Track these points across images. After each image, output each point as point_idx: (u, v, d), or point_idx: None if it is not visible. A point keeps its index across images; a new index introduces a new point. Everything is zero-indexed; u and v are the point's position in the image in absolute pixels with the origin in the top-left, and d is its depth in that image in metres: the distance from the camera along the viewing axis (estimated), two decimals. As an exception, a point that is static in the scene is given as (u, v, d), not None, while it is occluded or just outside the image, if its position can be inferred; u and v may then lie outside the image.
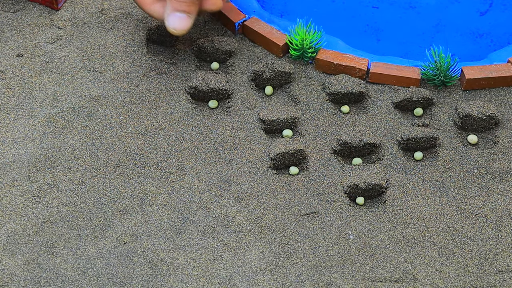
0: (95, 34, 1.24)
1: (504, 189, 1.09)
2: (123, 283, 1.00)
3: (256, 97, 1.18)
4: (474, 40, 1.32)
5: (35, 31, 1.25)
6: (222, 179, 1.09)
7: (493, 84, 1.18)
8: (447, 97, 1.18)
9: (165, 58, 1.22)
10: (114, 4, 1.28)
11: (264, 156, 1.12)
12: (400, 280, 1.01)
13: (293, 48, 1.20)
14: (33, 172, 1.09)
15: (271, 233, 1.05)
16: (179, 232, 1.05)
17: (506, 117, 1.16)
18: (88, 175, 1.09)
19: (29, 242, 1.03)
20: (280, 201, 1.08)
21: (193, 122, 1.15)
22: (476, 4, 1.34)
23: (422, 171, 1.11)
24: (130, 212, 1.06)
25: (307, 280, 1.01)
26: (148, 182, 1.09)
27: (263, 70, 1.18)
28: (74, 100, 1.17)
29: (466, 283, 1.01)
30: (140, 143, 1.13)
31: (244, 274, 1.01)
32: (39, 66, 1.21)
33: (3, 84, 1.19)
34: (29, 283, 1.00)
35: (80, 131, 1.14)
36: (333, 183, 1.09)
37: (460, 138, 1.14)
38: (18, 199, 1.07)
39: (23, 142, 1.12)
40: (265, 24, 1.23)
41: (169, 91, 1.18)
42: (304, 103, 1.17)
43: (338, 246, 1.04)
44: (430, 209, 1.07)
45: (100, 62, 1.21)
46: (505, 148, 1.13)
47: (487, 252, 1.03)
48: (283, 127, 1.15)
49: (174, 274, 1.01)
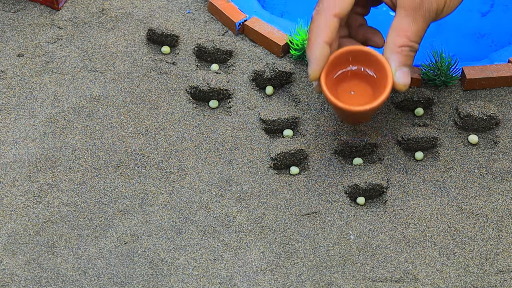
0: (95, 34, 1.24)
1: (504, 189, 1.09)
2: (123, 283, 1.00)
3: (257, 97, 1.18)
4: (475, 41, 1.32)
5: (36, 31, 1.25)
6: (223, 179, 1.09)
7: (494, 84, 1.18)
8: (448, 97, 1.18)
9: (165, 58, 1.22)
10: (114, 4, 1.28)
11: (265, 156, 1.12)
12: (401, 280, 1.01)
13: (293, 48, 1.20)
14: (33, 172, 1.09)
15: (272, 233, 1.05)
16: (180, 232, 1.05)
17: (506, 117, 1.16)
18: (89, 175, 1.10)
19: (30, 242, 1.03)
20: (281, 201, 1.08)
21: (193, 122, 1.15)
22: (477, 5, 1.34)
23: (423, 171, 1.11)
24: (131, 212, 1.06)
25: (307, 280, 1.01)
26: (148, 182, 1.09)
27: (264, 70, 1.18)
28: (75, 100, 1.17)
29: (467, 283, 1.01)
30: (140, 143, 1.13)
31: (245, 274, 1.01)
32: (39, 66, 1.21)
33: (3, 84, 1.19)
34: (30, 283, 1.00)
35: (80, 131, 1.14)
36: (333, 183, 1.09)
37: (460, 138, 1.14)
38: (18, 199, 1.07)
39: (23, 142, 1.12)
40: (266, 24, 1.24)
41: (170, 91, 1.18)
42: (304, 103, 1.17)
43: (339, 246, 1.04)
44: (430, 209, 1.07)
45: (100, 62, 1.21)
46: (506, 148, 1.13)
47: (488, 252, 1.03)
48: (284, 127, 1.15)
49: (174, 274, 1.01)
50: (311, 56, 1.03)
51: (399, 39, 1.03)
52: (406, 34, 1.03)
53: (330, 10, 1.01)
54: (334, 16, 1.01)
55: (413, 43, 1.03)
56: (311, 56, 1.02)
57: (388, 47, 1.04)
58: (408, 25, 1.03)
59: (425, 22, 1.03)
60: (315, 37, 1.02)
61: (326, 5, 1.02)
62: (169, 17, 1.27)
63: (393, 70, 1.04)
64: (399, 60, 1.04)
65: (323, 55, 1.02)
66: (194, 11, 1.29)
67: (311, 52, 1.02)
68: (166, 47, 1.23)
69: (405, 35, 1.03)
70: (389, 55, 1.04)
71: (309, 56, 1.03)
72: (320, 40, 1.01)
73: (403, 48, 1.03)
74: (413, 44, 1.04)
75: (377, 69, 1.06)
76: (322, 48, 1.02)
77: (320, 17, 1.02)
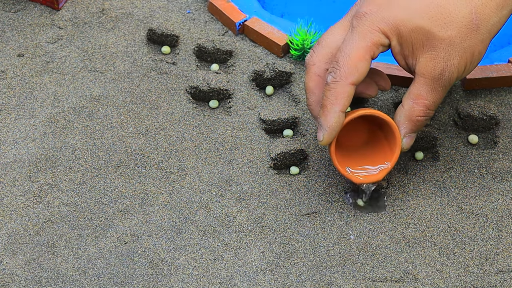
0: (96, 34, 1.24)
1: (504, 189, 1.09)
2: (123, 283, 1.00)
3: (257, 97, 1.18)
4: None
5: (36, 31, 1.25)
6: (223, 179, 1.09)
7: (494, 84, 1.18)
8: (448, 97, 1.18)
9: (165, 58, 1.22)
10: (115, 4, 1.28)
11: (265, 156, 1.12)
12: (401, 280, 1.01)
13: (293, 48, 1.20)
14: (34, 172, 1.09)
15: (272, 233, 1.05)
16: (180, 232, 1.05)
17: (506, 117, 1.16)
18: (89, 175, 1.10)
19: (30, 242, 1.04)
20: (281, 201, 1.08)
21: (193, 122, 1.15)
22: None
23: (423, 171, 1.11)
24: (131, 212, 1.06)
25: (307, 280, 1.01)
26: (148, 182, 1.09)
27: (264, 70, 1.18)
28: (75, 100, 1.17)
29: (467, 283, 1.01)
30: (140, 143, 1.13)
31: (245, 274, 1.01)
32: (40, 66, 1.21)
33: (4, 84, 1.19)
34: (30, 283, 1.00)
35: (81, 131, 1.14)
36: (333, 183, 1.09)
37: (460, 138, 1.14)
38: (19, 199, 1.07)
39: (24, 142, 1.12)
40: (266, 24, 1.24)
41: (170, 91, 1.18)
42: (304, 103, 1.17)
43: (339, 246, 1.04)
44: (430, 209, 1.07)
45: (101, 62, 1.21)
46: (506, 148, 1.13)
47: (488, 252, 1.03)
48: (284, 127, 1.15)
49: (174, 274, 1.01)
50: (325, 124, 1.00)
51: (417, 108, 1.01)
52: (425, 103, 1.01)
53: (348, 78, 0.98)
54: (351, 84, 0.98)
55: (430, 112, 1.02)
56: (326, 124, 1.00)
57: (404, 114, 1.02)
58: (427, 94, 1.00)
59: (444, 92, 1.01)
60: (331, 105, 0.99)
61: (343, 74, 0.98)
62: (169, 17, 1.27)
63: (402, 135, 1.03)
64: (411, 128, 1.03)
65: (338, 124, 1.00)
66: (194, 11, 1.29)
67: (326, 120, 1.00)
68: (166, 47, 1.23)
69: (423, 103, 1.01)
70: (402, 121, 1.02)
71: (323, 123, 1.00)
72: (337, 109, 0.99)
73: (419, 118, 1.02)
74: (430, 113, 1.02)
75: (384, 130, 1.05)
76: (338, 117, 0.99)
77: (337, 86, 0.99)
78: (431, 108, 1.01)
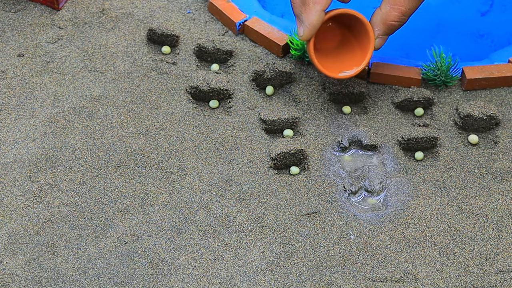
0: (96, 34, 1.25)
1: (504, 189, 1.09)
2: (124, 283, 1.00)
3: (257, 97, 1.18)
4: (475, 41, 1.32)
5: (36, 31, 1.25)
6: (223, 179, 1.09)
7: (494, 84, 1.18)
8: (448, 97, 1.18)
9: (166, 58, 1.22)
10: (115, 4, 1.28)
11: (265, 156, 1.12)
12: (401, 280, 1.01)
13: (294, 48, 1.20)
14: (34, 172, 1.09)
15: (272, 233, 1.05)
16: (180, 232, 1.05)
17: (506, 117, 1.16)
18: (89, 175, 1.10)
19: (30, 242, 1.04)
20: (281, 201, 1.08)
21: (194, 122, 1.15)
22: (476, 5, 1.34)
23: (423, 171, 1.11)
24: (131, 212, 1.06)
25: (308, 280, 1.01)
26: (149, 182, 1.09)
27: (264, 70, 1.18)
28: (75, 100, 1.17)
29: (467, 283, 1.01)
30: (141, 143, 1.13)
31: (245, 274, 1.01)
32: (40, 66, 1.21)
33: (4, 84, 1.19)
34: (30, 282, 1.00)
35: (81, 131, 1.14)
36: (333, 183, 1.09)
37: (460, 138, 1.14)
38: (19, 199, 1.07)
39: (24, 142, 1.12)
40: (266, 24, 1.24)
41: (170, 91, 1.18)
42: (304, 103, 1.17)
43: (339, 246, 1.04)
44: (430, 209, 1.07)
45: (101, 62, 1.21)
46: (506, 148, 1.13)
47: (488, 252, 1.03)
48: (284, 127, 1.15)
49: (175, 274, 1.01)
50: (307, 21, 1.07)
51: (393, 14, 1.09)
52: (401, 9, 1.08)
53: None
54: None
55: (405, 18, 1.09)
56: (307, 21, 1.07)
57: (380, 17, 1.09)
58: (404, 1, 1.08)
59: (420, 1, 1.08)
60: (314, 4, 1.06)
61: None
62: (169, 17, 1.27)
63: (375, 35, 1.10)
64: (385, 30, 1.10)
65: (319, 22, 1.07)
66: (194, 11, 1.29)
67: (308, 17, 1.07)
68: (166, 47, 1.23)
69: (399, 10, 1.08)
70: (378, 23, 1.09)
71: (305, 19, 1.07)
72: (319, 7, 1.06)
73: (393, 23, 1.09)
74: (404, 19, 1.09)
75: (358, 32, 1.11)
76: (319, 15, 1.07)
77: None
78: (406, 15, 1.09)
